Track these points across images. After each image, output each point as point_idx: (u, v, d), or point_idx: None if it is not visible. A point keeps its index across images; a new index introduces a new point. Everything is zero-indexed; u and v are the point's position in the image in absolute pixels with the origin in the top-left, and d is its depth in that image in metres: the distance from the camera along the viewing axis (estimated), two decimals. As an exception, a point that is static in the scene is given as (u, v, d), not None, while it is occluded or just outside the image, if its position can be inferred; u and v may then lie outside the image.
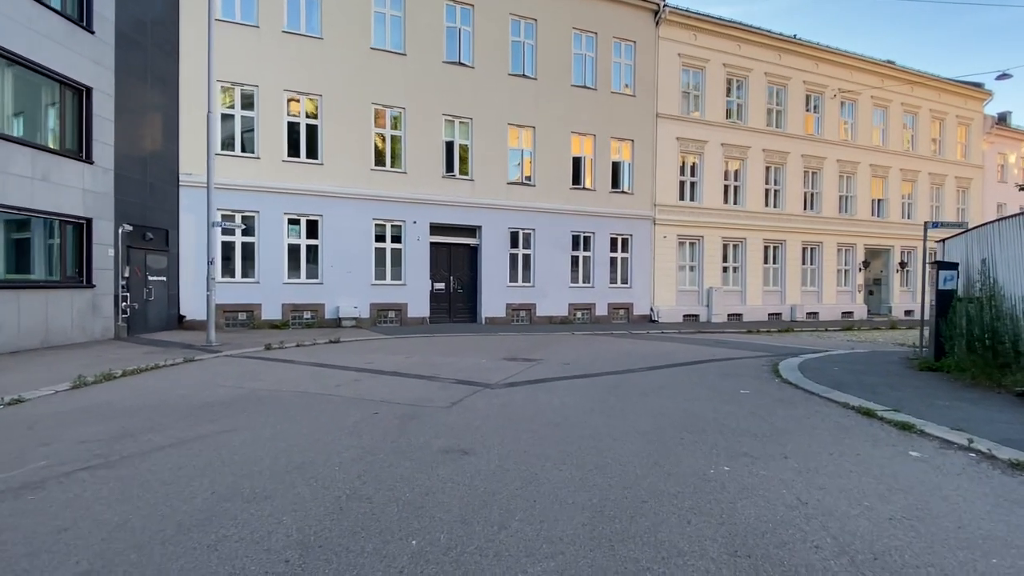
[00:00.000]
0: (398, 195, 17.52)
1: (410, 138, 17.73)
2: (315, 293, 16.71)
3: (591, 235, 20.63)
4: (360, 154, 17.12)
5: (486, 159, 18.78)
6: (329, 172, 16.78)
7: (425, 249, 18.01)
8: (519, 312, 19.46)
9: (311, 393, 7.08)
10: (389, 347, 12.42)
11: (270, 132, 16.21)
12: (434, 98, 17.99)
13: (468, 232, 18.90)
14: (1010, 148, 31.52)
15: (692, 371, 9.10)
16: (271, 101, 16.20)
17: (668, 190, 22.11)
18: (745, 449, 4.71)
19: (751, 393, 7.14)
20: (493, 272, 18.97)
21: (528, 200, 19.43)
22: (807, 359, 10.29)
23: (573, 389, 7.41)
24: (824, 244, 25.63)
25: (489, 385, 7.63)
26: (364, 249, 17.21)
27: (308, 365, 9.52)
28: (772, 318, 24.15)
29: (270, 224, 16.18)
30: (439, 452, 4.59)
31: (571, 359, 10.58)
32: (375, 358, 10.42)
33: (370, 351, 11.59)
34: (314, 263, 16.83)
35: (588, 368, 9.39)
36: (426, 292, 18.11)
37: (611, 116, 20.80)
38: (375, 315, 17.35)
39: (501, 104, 18.94)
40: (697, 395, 7.01)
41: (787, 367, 9.17)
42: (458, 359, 10.40)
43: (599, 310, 20.71)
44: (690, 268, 22.92)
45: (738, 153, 23.45)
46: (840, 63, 25.60)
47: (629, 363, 10.09)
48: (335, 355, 10.83)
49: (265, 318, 16.16)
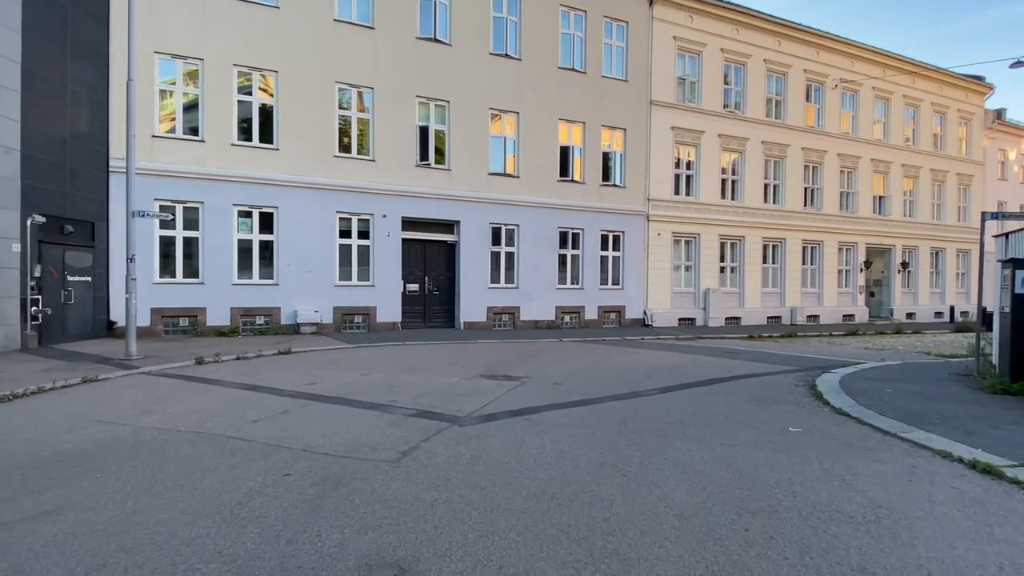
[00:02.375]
0: (365, 185, 15.61)
1: (379, 122, 15.84)
2: (270, 295, 14.74)
3: (580, 232, 18.89)
4: (322, 139, 15.19)
5: (465, 147, 16.94)
6: (286, 158, 14.83)
7: (396, 246, 16.12)
8: (501, 316, 17.65)
9: (214, 436, 5.20)
10: (347, 360, 10.53)
11: (217, 112, 14.22)
12: (406, 78, 16.11)
13: (445, 227, 17.04)
14: (1010, 145, 30.40)
15: (714, 394, 7.36)
16: (218, 77, 14.21)
17: (662, 184, 20.45)
18: (855, 557, 2.94)
19: (805, 432, 5.41)
20: (473, 272, 17.14)
21: (511, 193, 17.63)
22: (844, 376, 8.61)
23: (569, 425, 5.62)
24: (825, 243, 24.17)
25: (459, 419, 5.81)
26: (326, 246, 15.27)
27: (235, 387, 7.62)
28: (771, 322, 22.61)
29: (217, 216, 14.19)
30: (356, 570, 2.76)
31: (562, 375, 8.80)
32: (324, 376, 8.54)
33: (322, 365, 9.70)
34: (269, 261, 14.86)
35: (584, 389, 7.62)
36: (398, 294, 16.22)
37: (602, 102, 19.08)
38: (339, 320, 15.42)
39: (481, 86, 17.11)
40: (735, 436, 5.26)
41: (829, 388, 7.48)
42: (426, 377, 8.56)
43: (588, 313, 18.98)
44: (685, 268, 21.29)
45: (736, 145, 21.87)
46: (841, 51, 24.17)
47: (633, 381, 8.33)
48: (277, 372, 8.93)
49: (211, 324, 14.16)
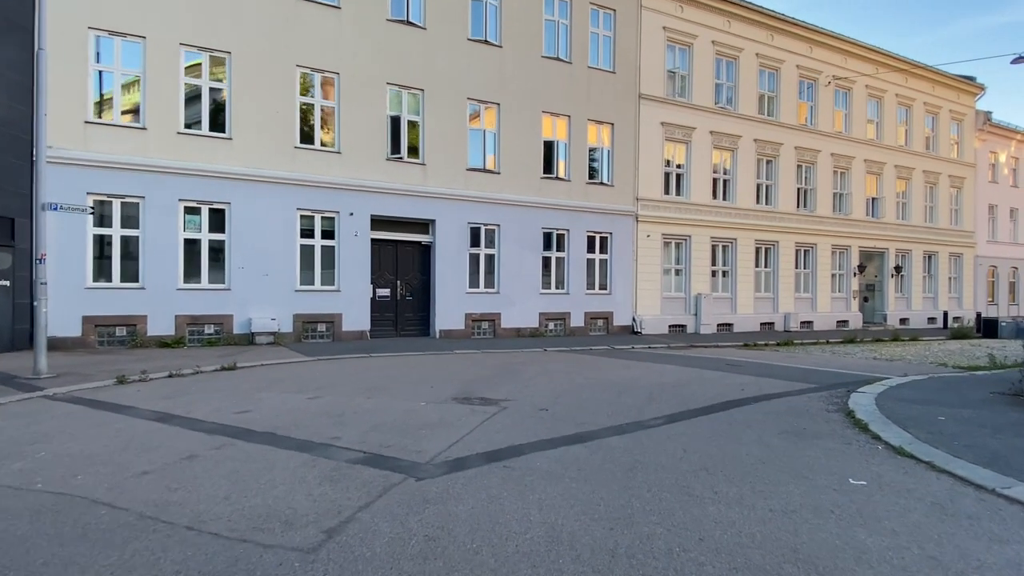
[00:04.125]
0: (330, 180, 14.15)
1: (346, 110, 14.40)
2: (221, 302, 13.20)
3: (565, 233, 17.60)
4: (281, 128, 13.70)
5: (441, 139, 15.56)
6: (240, 149, 13.32)
7: (365, 247, 14.67)
8: (481, 323, 16.27)
9: (75, 499, 3.77)
10: (299, 377, 9.08)
11: (161, 97, 12.67)
12: (376, 63, 14.70)
13: (419, 227, 15.63)
14: (1001, 147, 29.85)
15: (734, 424, 6.07)
16: (163, 58, 12.67)
17: (652, 183, 19.27)
18: None
19: (873, 487, 4.11)
20: (449, 275, 15.75)
21: (492, 190, 16.28)
22: (877, 397, 7.39)
23: (562, 476, 4.28)
24: (818, 246, 23.22)
25: (417, 467, 4.44)
26: (286, 246, 13.77)
27: (146, 417, 6.16)
28: (765, 328, 21.55)
29: (161, 213, 12.63)
30: None
31: (549, 397, 7.46)
32: (262, 400, 7.09)
33: (266, 385, 8.24)
34: (220, 264, 13.31)
35: (577, 417, 6.28)
36: (366, 300, 14.76)
37: (588, 95, 17.85)
38: (300, 329, 13.91)
39: (459, 74, 15.76)
40: (784, 493, 3.95)
41: (868, 414, 6.23)
42: (386, 400, 7.15)
43: (574, 320, 17.68)
44: (676, 272, 20.12)
45: (728, 143, 20.81)
46: (834, 47, 23.29)
47: (633, 405, 7.02)
48: (207, 395, 7.46)
49: (153, 334, 12.58)
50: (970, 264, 28.38)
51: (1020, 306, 30.92)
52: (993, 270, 29.82)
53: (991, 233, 29.55)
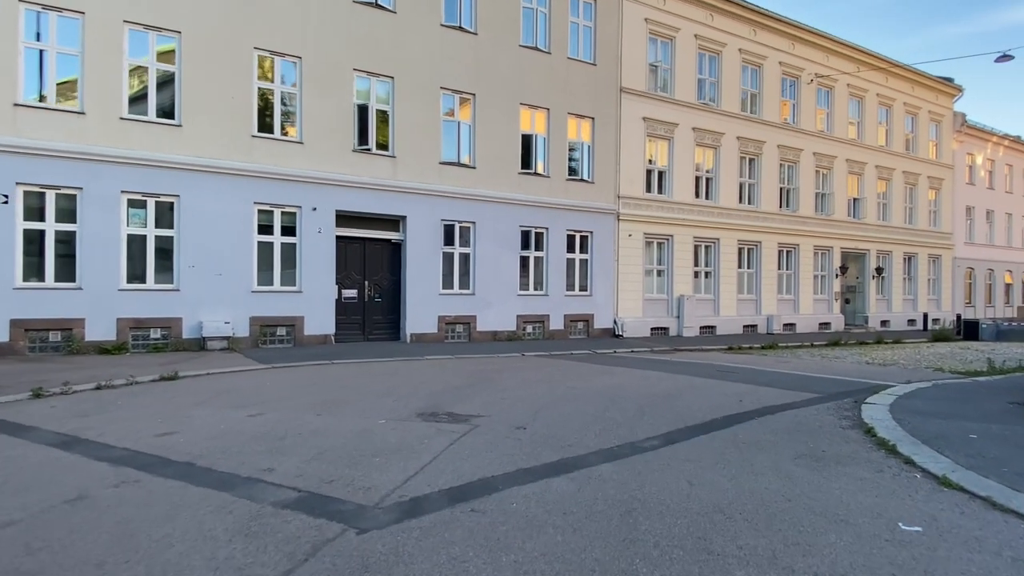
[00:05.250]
0: (291, 172, 13.11)
1: (309, 97, 13.37)
2: (168, 304, 12.07)
3: (544, 231, 16.77)
4: (237, 115, 12.63)
5: (412, 131, 14.61)
6: (191, 137, 12.22)
7: (330, 245, 13.65)
8: (455, 327, 15.34)
9: None
10: (245, 388, 8.07)
11: (103, 79, 11.52)
12: (342, 47, 13.70)
13: (389, 224, 14.66)
14: (977, 149, 29.89)
15: (741, 445, 5.27)
16: (104, 36, 11.52)
17: (634, 180, 18.56)
18: None
19: (931, 534, 3.32)
20: (421, 276, 14.80)
21: (467, 185, 15.38)
22: (891, 408, 6.67)
23: (544, 525, 3.41)
24: (801, 246, 22.77)
25: (361, 513, 3.53)
26: (242, 243, 12.69)
27: (46, 443, 5.14)
28: (748, 331, 20.99)
29: (101, 206, 11.47)
30: None
31: (527, 411, 6.59)
32: (193, 419, 6.10)
33: (205, 399, 7.23)
34: (167, 262, 12.19)
35: (560, 437, 5.42)
36: (330, 302, 13.74)
37: (568, 87, 17.06)
38: (257, 333, 12.83)
39: (432, 61, 14.83)
40: (827, 547, 3.13)
41: (891, 432, 5.49)
42: (338, 418, 6.21)
43: (554, 323, 16.85)
44: (658, 273, 19.44)
45: (711, 140, 20.21)
46: (816, 44, 22.90)
47: (623, 421, 6.20)
48: (132, 412, 6.44)
49: (92, 339, 11.41)
50: (948, 266, 28.29)
51: (996, 308, 30.99)
52: (970, 272, 29.82)
53: (968, 235, 29.53)
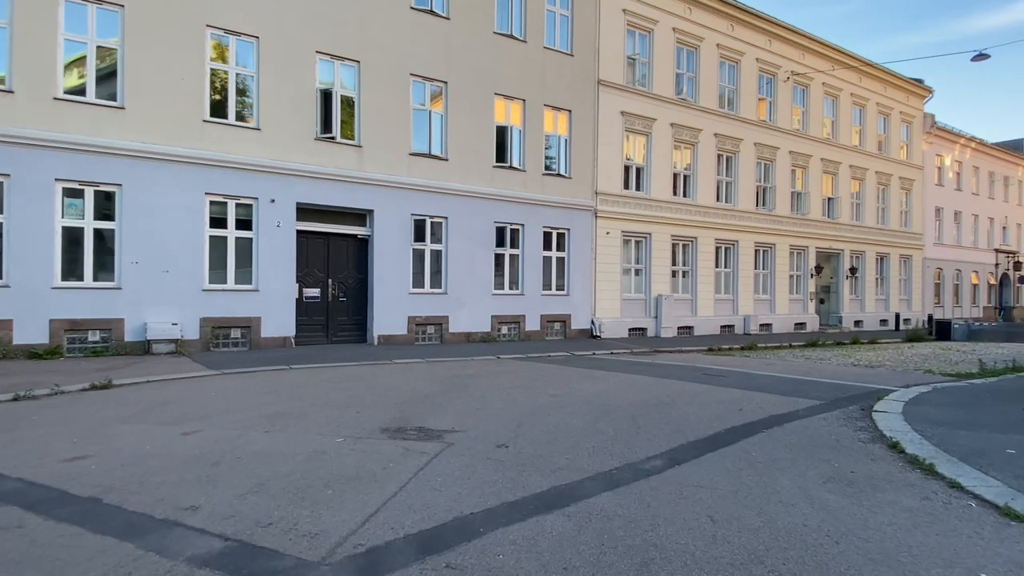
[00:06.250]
0: (247, 160, 12.10)
1: (267, 80, 12.38)
2: (109, 303, 10.96)
3: (519, 228, 16.03)
4: (187, 98, 11.57)
5: (380, 119, 13.72)
6: (135, 120, 11.13)
7: (290, 240, 12.68)
8: (426, 328, 14.49)
9: None
10: (186, 399, 7.12)
11: (33, 54, 10.37)
12: (303, 27, 12.75)
13: (354, 218, 13.74)
14: (946, 150, 30.22)
15: (757, 466, 4.59)
16: (36, 6, 10.38)
17: (612, 176, 17.96)
18: None
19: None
20: (390, 274, 13.91)
21: (439, 178, 14.54)
22: (906, 417, 6.10)
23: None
24: (777, 246, 22.52)
25: (302, 574, 2.72)
26: (191, 237, 11.64)
27: (-82, 473, 4.18)
28: (725, 331, 20.61)
29: (32, 195, 10.32)
30: None
31: (509, 426, 5.83)
32: (115, 437, 5.17)
33: (136, 413, 6.28)
34: (108, 258, 11.07)
35: (548, 459, 4.68)
36: (291, 301, 12.76)
37: (544, 78, 16.36)
38: (209, 335, 11.79)
39: (401, 46, 13.97)
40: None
41: (920, 447, 4.89)
42: (289, 435, 5.35)
43: (530, 323, 16.13)
44: (635, 272, 18.88)
45: (689, 136, 19.75)
46: (793, 42, 22.69)
47: (617, 435, 5.49)
48: (48, 427, 5.47)
49: (21, 342, 10.25)
50: (919, 266, 28.48)
51: (963, 308, 31.39)
52: (939, 272, 30.12)
53: (938, 235, 29.81)
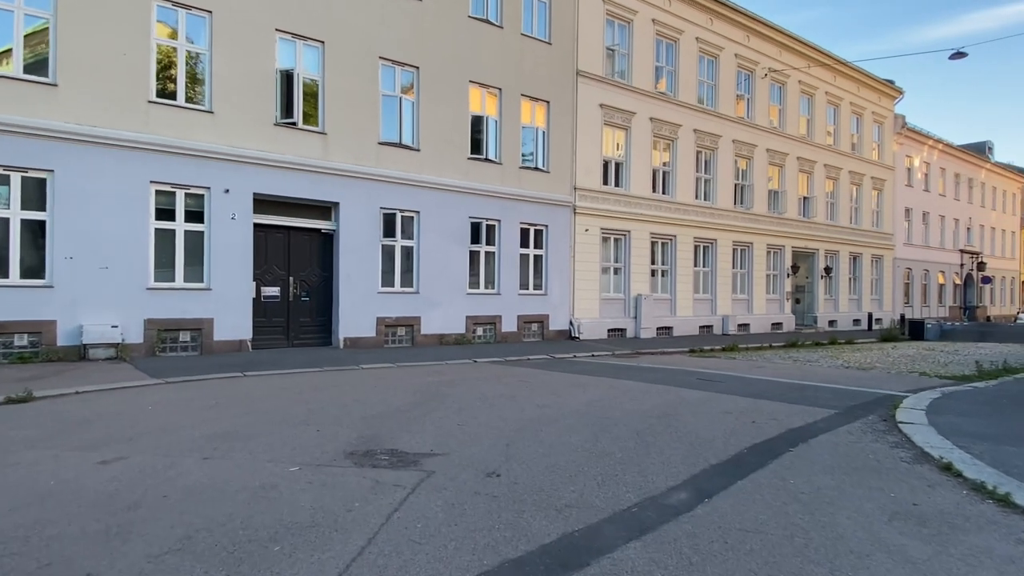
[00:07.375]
0: (198, 146, 10.99)
1: (221, 58, 11.29)
2: (38, 303, 9.75)
3: (495, 224, 15.22)
4: (129, 75, 10.42)
5: (346, 104, 12.74)
6: (70, 99, 9.93)
7: (246, 234, 11.61)
8: (396, 330, 13.56)
9: None
10: (113, 416, 6.09)
11: (-54, 19, 9.14)
12: (262, 2, 11.70)
13: (318, 211, 12.73)
14: (915, 151, 30.52)
15: (800, 497, 3.89)
16: (-52, -36, 9.15)
17: (591, 171, 17.29)
18: None
19: None
20: (358, 271, 12.94)
21: (410, 169, 13.63)
22: (939, 429, 5.50)
23: None
24: (754, 245, 22.20)
25: None
26: (134, 231, 10.47)
27: None
28: (704, 332, 20.16)
29: (-57, 181, 9.09)
30: None
31: (498, 446, 5.01)
32: (16, 466, 4.17)
33: (50, 433, 5.25)
34: (37, 252, 9.86)
35: (551, 492, 3.88)
36: (247, 301, 11.69)
37: (521, 66, 15.58)
38: (154, 339, 10.65)
39: (369, 27, 13.01)
40: None
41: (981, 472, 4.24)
42: (232, 463, 4.42)
43: (506, 324, 15.32)
44: (614, 271, 18.25)
45: (668, 132, 19.22)
46: (770, 38, 22.43)
47: (624, 457, 4.73)
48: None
49: (-69, 348, 9.01)
50: (890, 266, 28.63)
51: (931, 308, 31.75)
52: (908, 272, 30.37)
53: (907, 236, 30.05)
